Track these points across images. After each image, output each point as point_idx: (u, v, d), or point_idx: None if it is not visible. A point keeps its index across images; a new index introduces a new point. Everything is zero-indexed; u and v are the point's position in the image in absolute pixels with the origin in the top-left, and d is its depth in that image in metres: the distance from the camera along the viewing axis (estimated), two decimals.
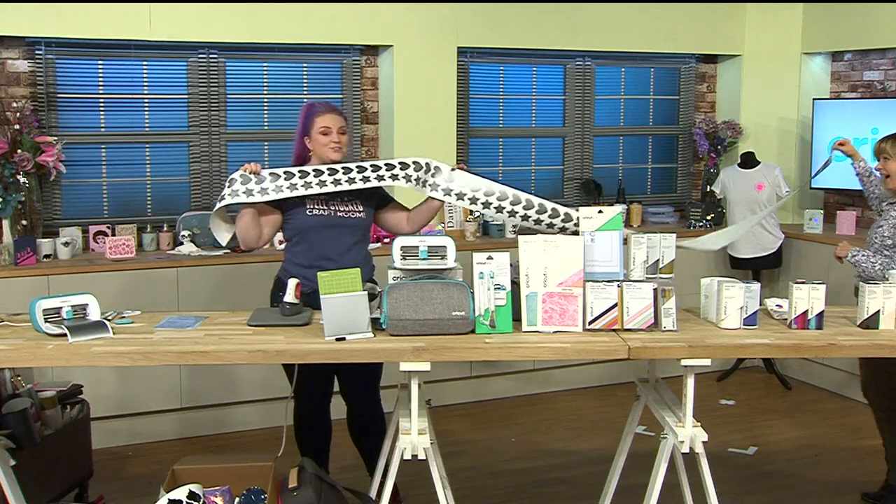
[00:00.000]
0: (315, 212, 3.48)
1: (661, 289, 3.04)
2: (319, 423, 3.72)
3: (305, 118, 3.55)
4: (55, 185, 4.92)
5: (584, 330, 3.04)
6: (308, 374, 3.49)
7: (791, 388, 5.69)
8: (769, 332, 3.07)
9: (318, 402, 3.69)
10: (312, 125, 3.51)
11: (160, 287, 4.62)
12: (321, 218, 3.48)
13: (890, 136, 3.77)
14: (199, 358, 2.87)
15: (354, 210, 3.55)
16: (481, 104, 5.92)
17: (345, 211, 3.53)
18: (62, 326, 2.94)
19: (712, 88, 6.54)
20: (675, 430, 2.99)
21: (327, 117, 3.51)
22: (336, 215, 3.50)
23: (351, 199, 3.55)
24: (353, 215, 3.54)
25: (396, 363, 2.85)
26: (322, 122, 3.50)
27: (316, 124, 3.50)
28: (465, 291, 2.99)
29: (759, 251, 5.66)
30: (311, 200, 3.49)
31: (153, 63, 5.11)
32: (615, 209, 3.17)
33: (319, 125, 3.50)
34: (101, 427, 4.46)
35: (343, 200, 3.53)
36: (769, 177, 5.65)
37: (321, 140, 3.49)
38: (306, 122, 3.54)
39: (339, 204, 3.52)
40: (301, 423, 3.73)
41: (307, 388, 3.59)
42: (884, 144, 3.75)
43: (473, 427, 5.00)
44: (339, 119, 3.53)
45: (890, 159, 3.69)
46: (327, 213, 3.49)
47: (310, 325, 3.12)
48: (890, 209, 3.78)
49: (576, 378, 5.61)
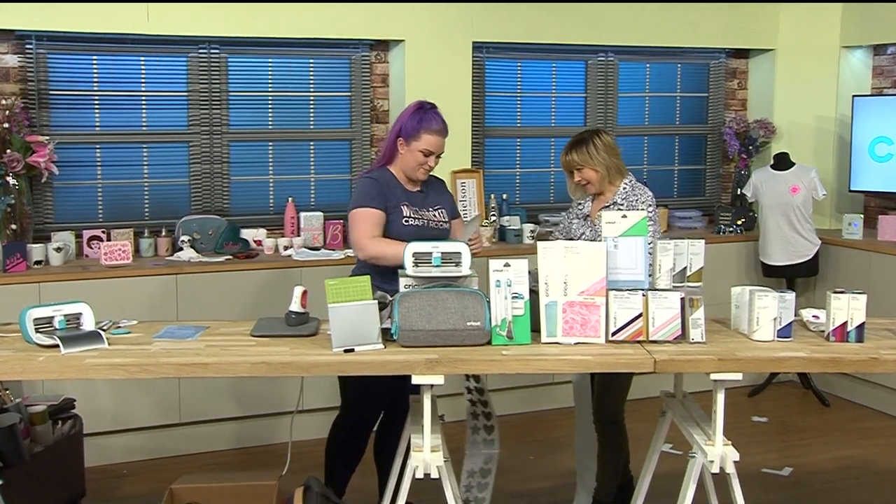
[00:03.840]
0: (410, 221, 3.51)
1: (689, 298, 3.04)
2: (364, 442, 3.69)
3: (413, 123, 3.50)
4: (47, 188, 4.94)
5: (606, 341, 3.04)
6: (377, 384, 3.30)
7: (829, 405, 5.66)
8: (805, 345, 3.06)
9: (374, 417, 3.67)
10: (417, 137, 3.49)
11: (158, 295, 4.64)
12: (415, 228, 3.49)
13: (573, 146, 3.72)
14: (199, 370, 2.88)
15: (441, 220, 3.61)
16: (498, 102, 5.92)
17: (436, 221, 3.59)
18: (54, 337, 2.96)
19: (743, 85, 6.52)
20: (704, 449, 2.98)
21: (435, 140, 3.50)
22: (429, 225, 3.55)
23: (438, 208, 3.62)
24: (441, 225, 3.60)
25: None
26: (428, 142, 3.49)
27: (421, 140, 3.49)
28: (481, 300, 2.99)
29: (793, 258, 5.64)
30: (406, 206, 3.52)
31: (151, 58, 5.14)
32: (640, 214, 3.17)
33: (424, 145, 3.49)
34: (95, 443, 4.48)
35: (433, 207, 3.60)
36: (804, 179, 5.63)
37: (418, 158, 3.50)
38: (412, 129, 3.50)
39: (429, 211, 3.58)
40: (347, 439, 3.66)
41: (373, 401, 3.57)
42: (571, 157, 3.71)
43: None
44: (443, 143, 3.54)
45: (583, 168, 3.69)
46: (421, 224, 3.53)
47: (317, 335, 3.13)
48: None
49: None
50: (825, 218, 6.21)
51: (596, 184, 3.70)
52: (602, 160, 3.66)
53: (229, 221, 5.14)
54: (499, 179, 5.89)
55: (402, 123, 3.53)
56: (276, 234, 5.28)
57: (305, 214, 5.28)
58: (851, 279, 5.43)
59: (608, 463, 3.79)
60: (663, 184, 6.43)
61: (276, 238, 5.17)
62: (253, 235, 5.16)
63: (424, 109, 3.54)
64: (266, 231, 5.24)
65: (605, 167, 3.68)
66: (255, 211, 5.41)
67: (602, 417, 3.76)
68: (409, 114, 3.53)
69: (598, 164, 3.66)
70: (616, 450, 3.79)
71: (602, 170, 3.67)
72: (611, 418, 3.75)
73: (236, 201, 5.38)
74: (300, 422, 4.71)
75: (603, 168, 3.67)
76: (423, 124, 3.48)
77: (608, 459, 3.79)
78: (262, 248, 5.11)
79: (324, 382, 4.47)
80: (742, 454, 3.03)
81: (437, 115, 3.54)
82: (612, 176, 3.71)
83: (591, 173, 3.68)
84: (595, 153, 3.66)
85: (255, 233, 5.19)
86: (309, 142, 5.52)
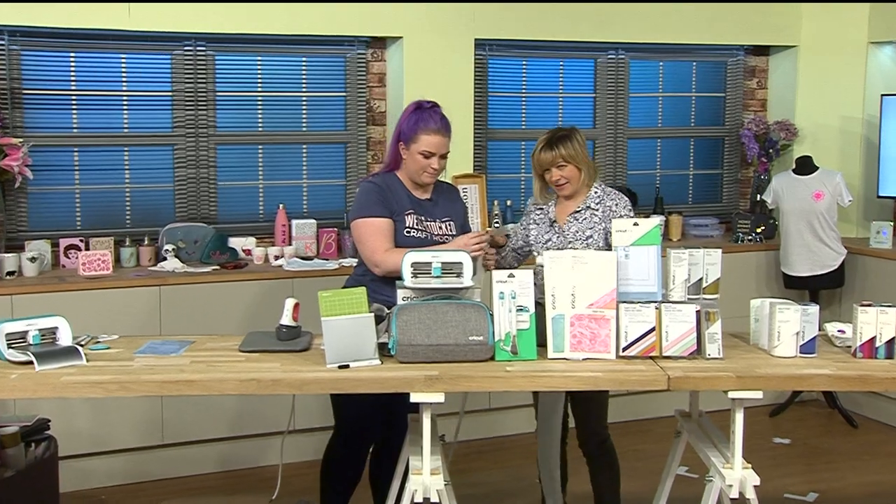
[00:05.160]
0: (413, 233, 3.50)
1: (705, 311, 3.05)
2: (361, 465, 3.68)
3: (410, 125, 3.50)
4: (20, 193, 4.95)
5: (617, 357, 3.05)
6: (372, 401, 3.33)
7: (857, 427, 5.65)
8: (830, 362, 3.06)
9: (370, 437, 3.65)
10: (415, 140, 3.48)
11: (140, 308, 4.64)
12: (417, 241, 3.47)
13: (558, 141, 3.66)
14: (184, 388, 2.88)
15: (447, 234, 3.58)
16: (501, 103, 5.94)
17: (441, 235, 3.56)
18: (28, 353, 2.96)
19: (763, 84, 6.54)
20: (722, 472, 2.98)
21: (434, 140, 3.47)
22: (432, 238, 3.52)
23: (446, 219, 3.59)
24: (447, 239, 3.56)
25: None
26: (427, 143, 3.46)
27: (419, 142, 3.47)
28: (484, 313, 2.99)
29: (817, 268, 5.64)
30: (410, 216, 3.51)
31: (133, 56, 5.15)
32: (652, 221, 3.18)
33: (423, 146, 3.47)
34: (71, 467, 4.48)
35: (438, 219, 3.57)
36: (829, 184, 5.63)
37: (419, 161, 3.48)
38: (409, 130, 3.50)
39: (435, 223, 3.57)
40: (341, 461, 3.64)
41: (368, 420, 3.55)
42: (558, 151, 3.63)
43: (492, 466, 5.00)
44: (445, 142, 3.50)
45: (568, 165, 3.65)
46: (424, 236, 3.51)
47: (309, 350, 3.13)
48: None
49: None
50: (851, 225, 6.21)
51: (575, 183, 3.65)
52: (585, 158, 3.66)
53: (216, 229, 5.15)
54: (502, 185, 5.90)
55: (400, 126, 3.54)
56: (267, 242, 5.29)
57: (297, 222, 5.28)
58: (880, 291, 5.42)
59: (608, 482, 3.83)
60: (677, 189, 6.44)
61: (266, 247, 5.17)
62: (241, 244, 5.16)
63: (422, 109, 3.52)
64: (255, 240, 5.24)
65: (587, 165, 3.67)
66: (243, 218, 5.42)
67: (591, 440, 3.79)
68: (407, 115, 3.53)
69: (581, 161, 3.65)
70: (610, 467, 3.82)
71: (584, 168, 3.66)
72: (601, 439, 3.78)
73: (224, 208, 5.38)
74: (291, 443, 4.71)
75: (585, 166, 3.66)
76: (420, 124, 3.47)
77: (605, 479, 3.83)
78: (251, 258, 5.12)
79: (317, 401, 4.47)
80: (763, 478, 3.03)
81: (435, 113, 3.52)
82: (589, 177, 3.69)
83: (574, 171, 3.63)
84: (580, 149, 3.64)
85: (244, 241, 5.19)
86: (301, 145, 5.53)
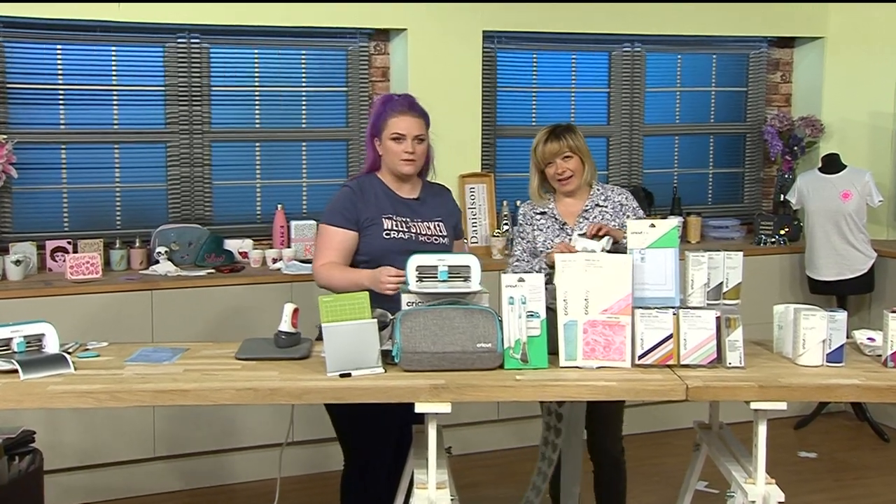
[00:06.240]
0: (393, 234, 3.44)
1: (726, 317, 3.04)
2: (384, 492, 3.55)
3: (377, 116, 3.49)
4: (5, 193, 4.97)
5: (632, 366, 3.04)
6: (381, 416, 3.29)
7: (889, 441, 5.63)
8: (859, 371, 3.06)
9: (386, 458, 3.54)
10: (384, 127, 3.46)
11: (131, 314, 4.65)
12: (399, 242, 3.43)
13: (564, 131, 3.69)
14: (177, 398, 2.88)
15: (437, 234, 3.53)
16: (511, 98, 5.95)
17: (428, 235, 3.50)
18: (12, 361, 2.96)
19: (788, 78, 6.53)
20: (744, 488, 2.98)
21: (402, 120, 3.44)
22: (417, 239, 3.46)
23: (436, 220, 3.55)
24: (435, 239, 3.51)
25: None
26: (395, 125, 3.44)
27: (388, 127, 3.45)
28: (493, 319, 2.99)
29: (845, 273, 5.63)
30: (388, 219, 3.46)
31: (123, 49, 5.16)
32: (670, 222, 3.17)
33: (391, 130, 3.44)
34: (58, 481, 4.49)
35: (426, 219, 3.53)
36: (858, 183, 5.62)
37: (392, 148, 3.45)
38: (377, 121, 3.49)
39: (422, 223, 3.51)
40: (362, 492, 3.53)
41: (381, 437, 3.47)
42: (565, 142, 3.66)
43: (501, 479, 5.00)
44: (416, 123, 3.45)
45: (574, 156, 3.66)
46: (407, 237, 3.45)
47: (309, 358, 3.14)
48: None
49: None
50: (882, 227, 6.21)
51: (579, 177, 3.67)
52: (588, 153, 3.67)
53: (211, 231, 5.17)
54: (512, 184, 5.89)
55: (370, 122, 3.54)
56: (264, 244, 5.30)
57: (296, 223, 5.29)
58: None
59: (618, 495, 3.91)
60: (696, 189, 6.44)
61: (263, 249, 5.18)
62: (238, 247, 5.18)
63: (390, 97, 3.55)
64: (252, 242, 5.26)
65: (590, 161, 3.70)
66: (240, 219, 5.44)
67: (605, 459, 3.86)
68: (374, 108, 3.54)
69: (586, 154, 3.65)
70: (623, 480, 3.90)
71: (588, 163, 3.68)
72: (613, 456, 3.85)
73: (219, 209, 5.40)
74: (290, 455, 4.72)
75: (588, 161, 3.68)
76: (387, 108, 3.47)
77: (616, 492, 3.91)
78: (247, 261, 5.13)
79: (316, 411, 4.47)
80: (788, 494, 3.02)
81: (404, 96, 3.53)
82: (591, 174, 3.71)
83: (579, 164, 3.65)
84: (584, 143, 3.67)
85: (241, 244, 5.20)
86: (300, 142, 5.54)
